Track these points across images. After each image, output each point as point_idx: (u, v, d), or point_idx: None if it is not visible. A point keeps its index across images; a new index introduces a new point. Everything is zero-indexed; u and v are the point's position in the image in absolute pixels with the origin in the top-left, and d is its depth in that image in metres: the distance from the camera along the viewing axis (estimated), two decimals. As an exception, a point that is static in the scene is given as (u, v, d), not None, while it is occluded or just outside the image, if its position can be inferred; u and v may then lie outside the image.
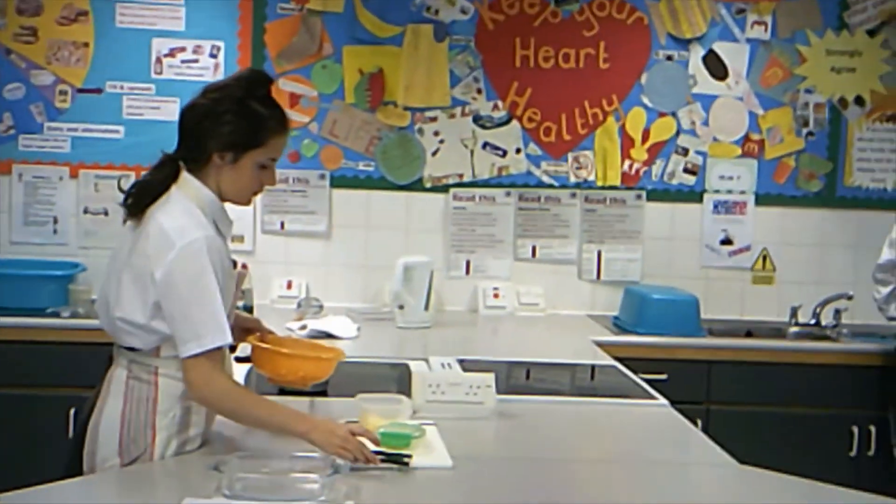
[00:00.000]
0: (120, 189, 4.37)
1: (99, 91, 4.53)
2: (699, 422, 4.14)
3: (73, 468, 2.42)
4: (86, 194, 4.54)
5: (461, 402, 2.83)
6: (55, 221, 4.56)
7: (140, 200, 2.41)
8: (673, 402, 4.13)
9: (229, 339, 2.33)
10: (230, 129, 2.38)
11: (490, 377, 2.87)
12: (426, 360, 3.47)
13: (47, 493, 2.11)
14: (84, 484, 2.24)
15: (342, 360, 2.66)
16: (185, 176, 2.42)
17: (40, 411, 3.97)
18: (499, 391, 2.92)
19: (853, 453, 4.22)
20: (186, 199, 2.38)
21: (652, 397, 3.17)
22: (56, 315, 4.13)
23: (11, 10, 4.46)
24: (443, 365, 3.40)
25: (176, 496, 2.07)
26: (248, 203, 2.51)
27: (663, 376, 4.10)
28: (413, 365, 3.37)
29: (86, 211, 4.55)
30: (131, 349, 2.40)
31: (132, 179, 4.25)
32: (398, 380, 3.00)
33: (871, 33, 4.71)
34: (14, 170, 4.52)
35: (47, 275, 4.29)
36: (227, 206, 2.50)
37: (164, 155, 2.46)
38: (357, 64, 4.60)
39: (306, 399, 2.81)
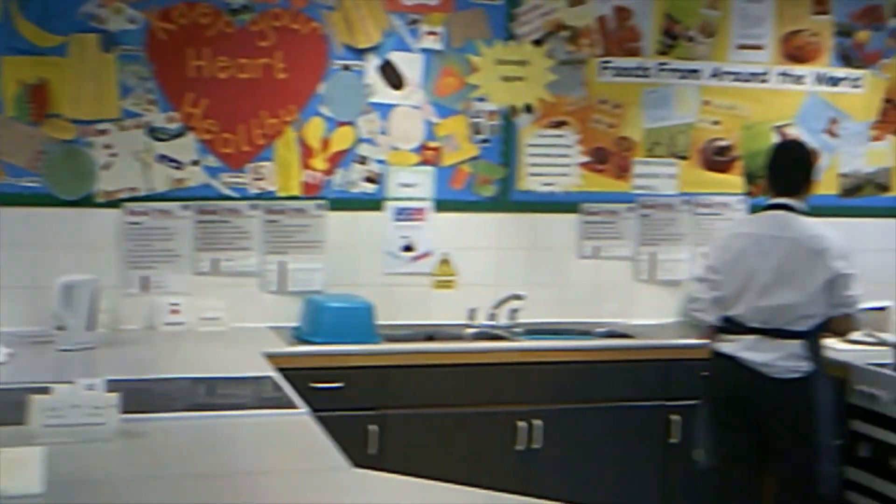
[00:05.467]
0: None
1: None
2: (377, 428, 4.21)
3: None
4: None
5: (83, 424, 2.74)
6: None
7: None
8: (349, 410, 4.19)
9: None
10: None
11: (112, 397, 2.78)
12: (72, 384, 3.32)
13: None
14: None
15: None
16: None
17: None
18: (133, 410, 2.85)
19: (521, 447, 4.37)
20: None
21: (293, 407, 3.16)
22: None
23: None
24: (88, 387, 3.27)
25: None
26: None
27: (339, 384, 4.13)
28: (57, 389, 3.22)
29: None
30: None
31: None
32: (20, 406, 2.84)
33: (538, 43, 4.88)
34: None
35: None
36: None
37: None
38: (17, 75, 4.37)
39: None
